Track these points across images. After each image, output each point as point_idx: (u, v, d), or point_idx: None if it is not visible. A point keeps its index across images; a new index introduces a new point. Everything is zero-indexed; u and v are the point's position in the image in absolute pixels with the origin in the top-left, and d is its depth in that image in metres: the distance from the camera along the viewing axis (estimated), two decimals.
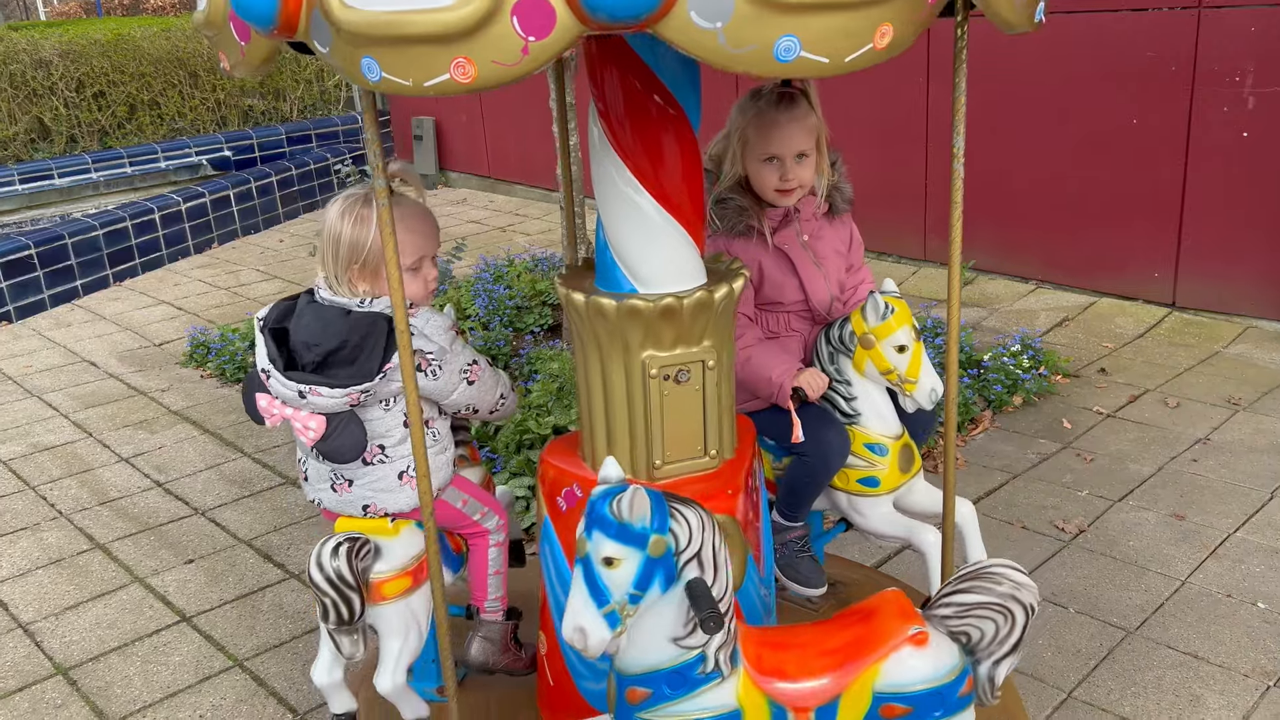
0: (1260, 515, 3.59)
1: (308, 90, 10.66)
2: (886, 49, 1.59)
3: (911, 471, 2.66)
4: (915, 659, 1.93)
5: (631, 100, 2.05)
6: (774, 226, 2.59)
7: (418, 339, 2.20)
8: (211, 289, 7.18)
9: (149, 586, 3.59)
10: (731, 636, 1.86)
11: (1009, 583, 1.97)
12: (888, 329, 2.51)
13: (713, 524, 1.85)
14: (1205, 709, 2.71)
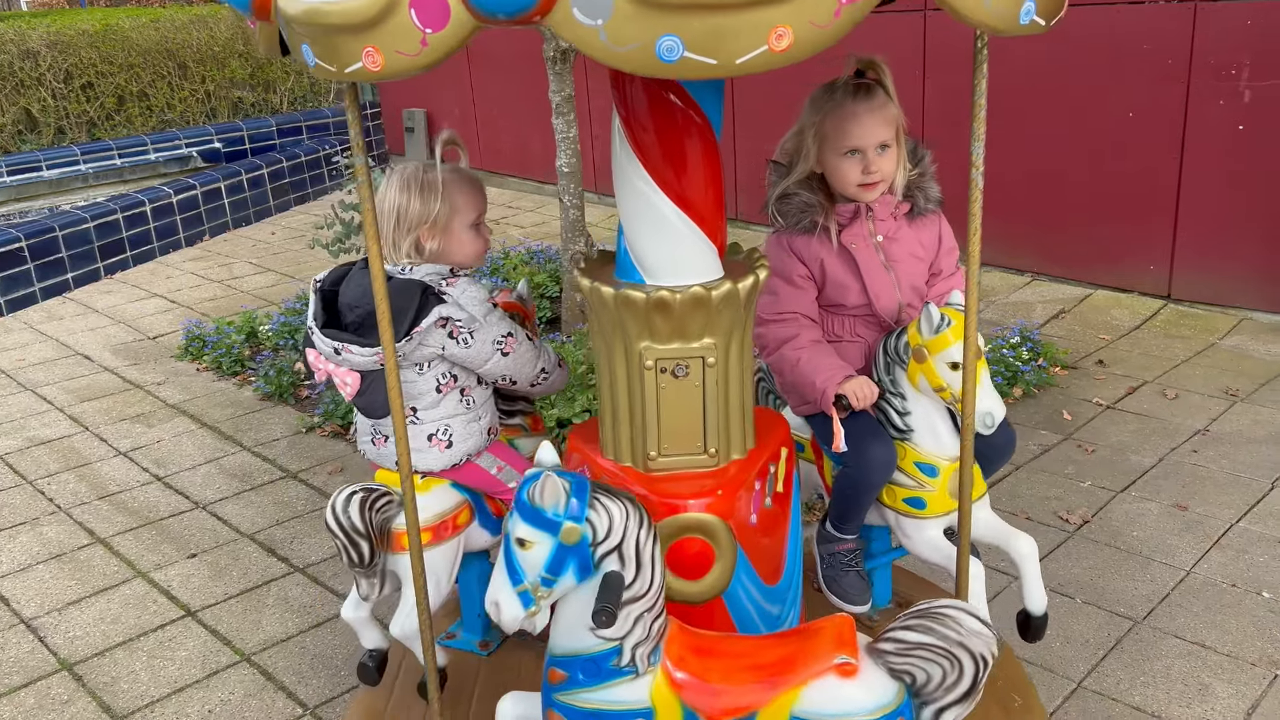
0: (1262, 505, 3.61)
1: (298, 82, 10.60)
2: (788, 52, 1.51)
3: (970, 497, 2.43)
4: (840, 689, 1.83)
5: (646, 96, 2.04)
6: (842, 224, 2.46)
7: (451, 307, 2.30)
8: (204, 282, 7.13)
9: (152, 581, 3.57)
10: (653, 635, 1.87)
11: (958, 629, 1.83)
12: (942, 343, 2.33)
13: (642, 521, 1.86)
14: (1214, 698, 2.73)
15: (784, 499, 2.33)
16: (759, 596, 2.26)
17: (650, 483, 2.20)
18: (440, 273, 2.36)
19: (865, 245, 2.48)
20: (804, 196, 2.45)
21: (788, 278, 2.50)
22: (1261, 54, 5.02)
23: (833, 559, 2.59)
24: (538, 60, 8.56)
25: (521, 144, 9.14)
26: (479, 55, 8.98)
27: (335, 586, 3.47)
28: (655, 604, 1.87)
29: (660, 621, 1.89)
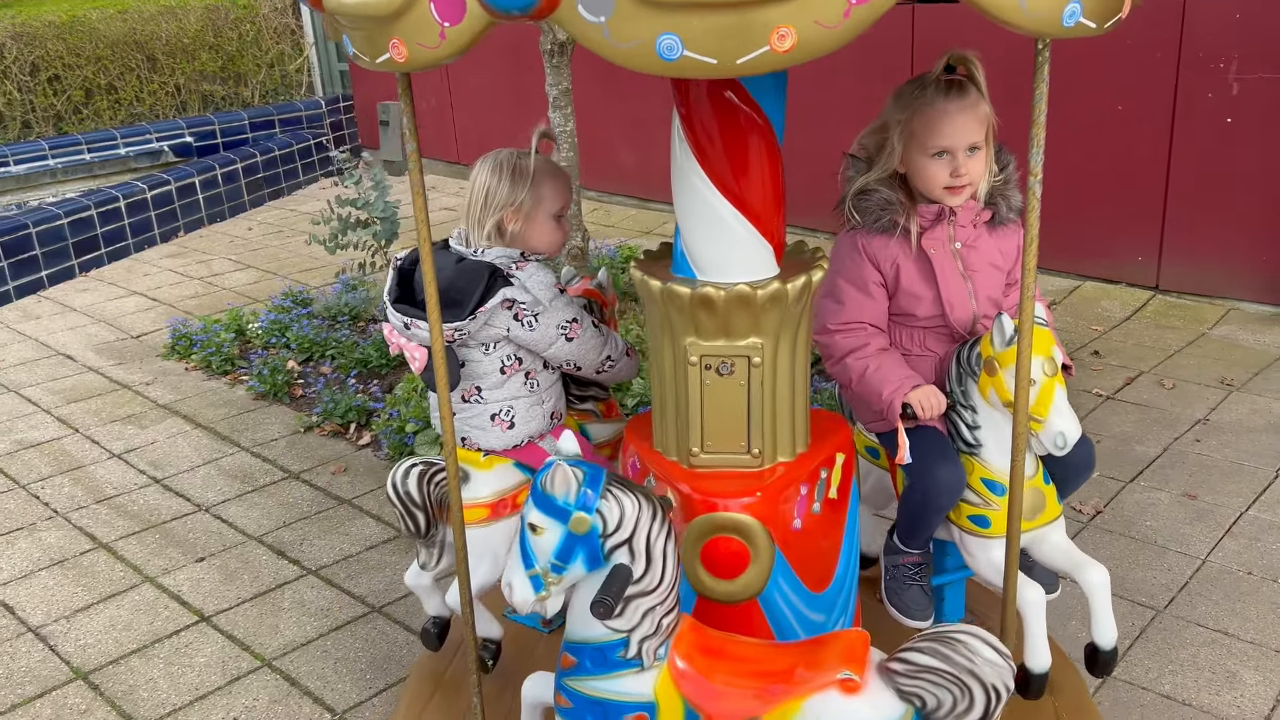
0: (1269, 493, 3.67)
1: (269, 75, 10.44)
2: (791, 53, 1.48)
3: (1038, 520, 2.37)
4: (841, 704, 1.80)
5: (704, 94, 2.02)
6: (924, 226, 2.35)
7: (517, 289, 2.38)
8: (184, 279, 7.00)
9: (161, 586, 3.49)
10: (662, 630, 1.87)
11: (969, 657, 1.78)
12: (1013, 356, 2.16)
13: (655, 516, 1.85)
14: (1243, 685, 2.77)
15: (838, 506, 2.27)
16: (800, 603, 2.23)
17: (692, 479, 2.19)
18: (511, 256, 2.43)
19: (944, 251, 2.38)
20: (884, 194, 2.35)
21: (859, 284, 2.40)
22: (1249, 47, 5.09)
23: (896, 571, 2.52)
24: (518, 54, 8.48)
25: (500, 138, 9.05)
26: None
27: (351, 589, 3.42)
28: (665, 599, 1.87)
29: (671, 617, 1.89)
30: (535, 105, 8.43)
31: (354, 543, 3.70)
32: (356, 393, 4.73)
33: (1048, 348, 2.22)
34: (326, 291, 6.16)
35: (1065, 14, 1.60)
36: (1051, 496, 2.40)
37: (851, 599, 2.37)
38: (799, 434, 2.24)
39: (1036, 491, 2.36)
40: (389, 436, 4.27)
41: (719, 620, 2.14)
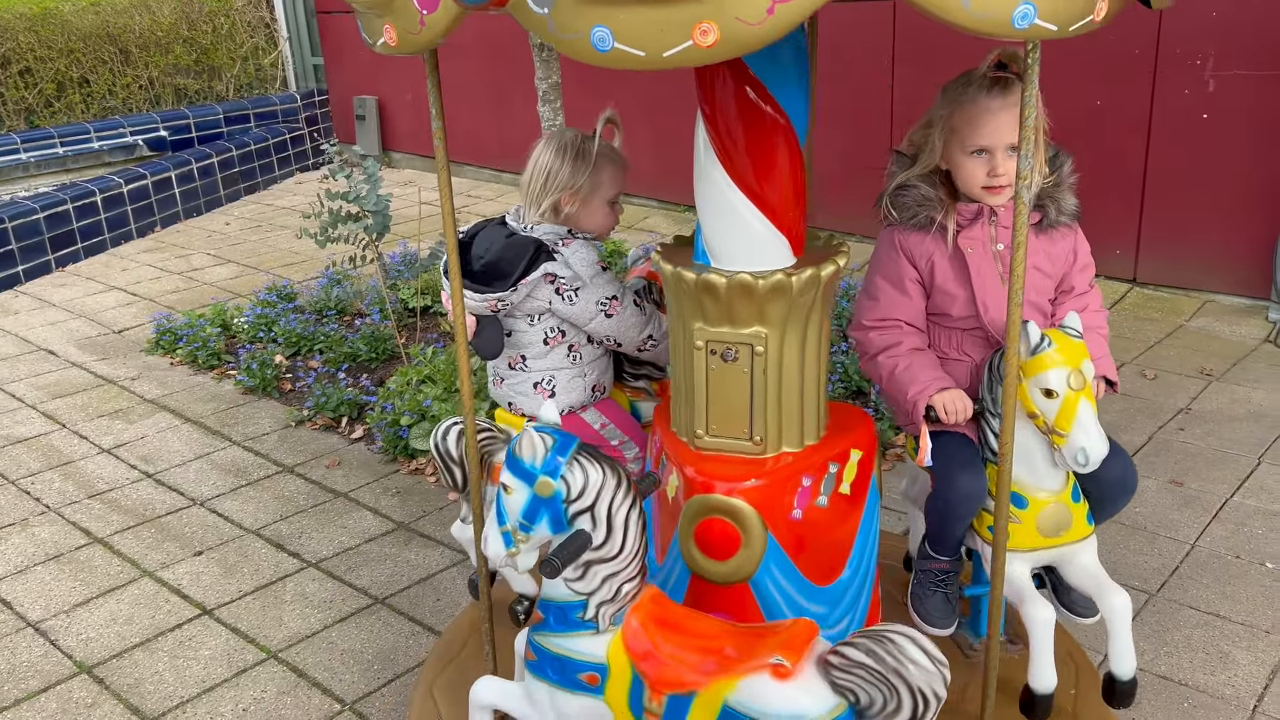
0: (1252, 480, 3.76)
1: (244, 69, 10.35)
2: (714, 48, 1.53)
3: (1063, 538, 2.30)
4: (771, 688, 1.83)
5: (723, 88, 2.06)
6: (961, 225, 2.32)
7: (559, 265, 2.49)
8: (164, 274, 6.94)
9: (160, 580, 3.48)
10: (620, 598, 1.96)
11: (897, 657, 1.77)
12: (1037, 365, 2.16)
13: (619, 487, 1.93)
14: (1236, 665, 2.84)
15: (851, 502, 2.28)
16: (796, 593, 2.26)
17: (696, 460, 2.25)
18: (559, 233, 2.54)
19: (983, 251, 2.33)
20: (923, 190, 2.33)
21: (895, 281, 2.39)
22: (1226, 45, 5.20)
23: (923, 577, 2.50)
24: (499, 47, 8.48)
25: (477, 132, 9.05)
26: None
27: (353, 581, 3.42)
28: (626, 568, 1.95)
29: (631, 586, 1.97)
30: (517, 99, 8.44)
31: (353, 535, 3.70)
32: (348, 386, 4.72)
33: (1077, 360, 2.15)
34: (311, 286, 6.14)
35: (1016, 15, 1.56)
36: (1080, 515, 2.32)
37: (863, 596, 2.36)
38: (808, 425, 2.26)
39: (1062, 508, 2.28)
40: (383, 430, 4.27)
41: (712, 600, 2.21)
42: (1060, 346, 2.16)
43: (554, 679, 2.02)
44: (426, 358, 4.52)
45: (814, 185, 2.37)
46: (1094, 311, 2.42)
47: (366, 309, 5.55)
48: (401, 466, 4.17)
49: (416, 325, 5.34)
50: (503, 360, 2.63)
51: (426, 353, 4.57)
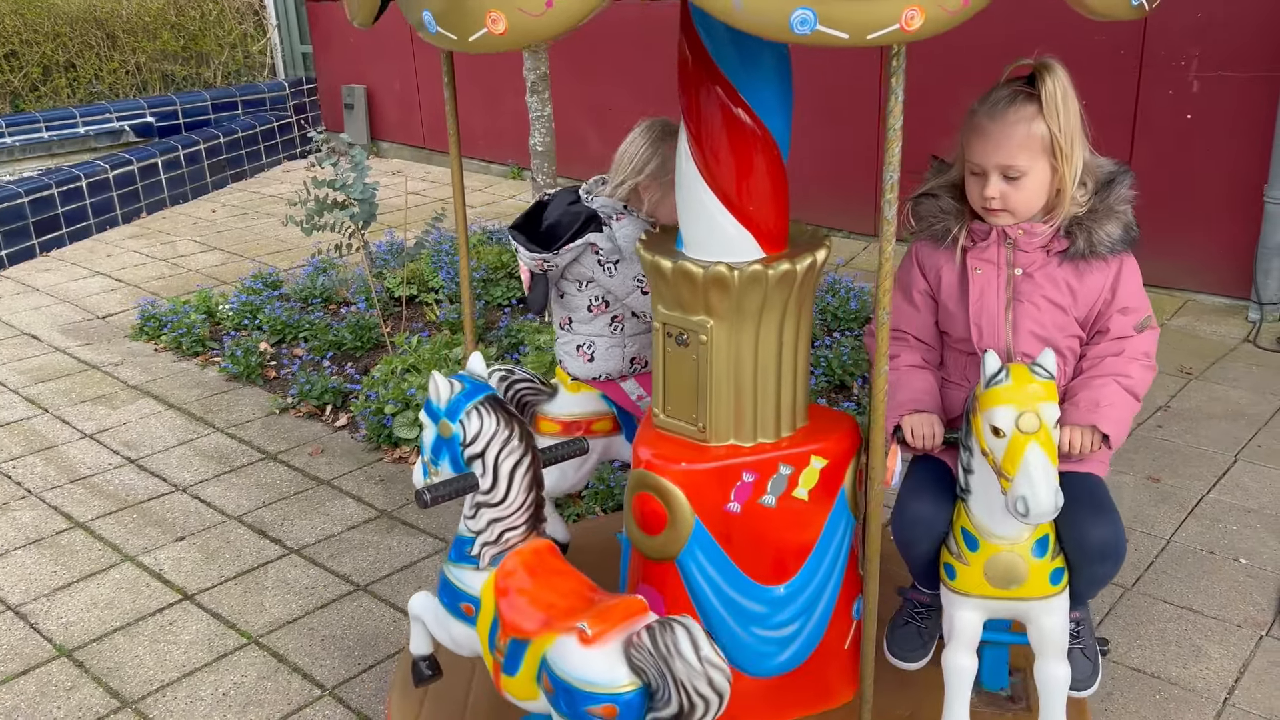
0: (1228, 478, 3.80)
1: (232, 56, 10.31)
2: (506, 36, 1.65)
3: (1012, 592, 2.13)
4: (572, 650, 1.92)
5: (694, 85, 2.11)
6: (976, 241, 2.23)
7: (604, 237, 2.66)
8: (149, 260, 6.92)
9: (142, 565, 3.48)
10: (501, 542, 2.12)
11: (667, 648, 1.83)
12: (988, 400, 2.00)
13: (508, 441, 2.09)
14: (1208, 658, 2.88)
15: (809, 507, 2.26)
16: (727, 585, 2.28)
17: (647, 436, 2.36)
18: (614, 208, 2.69)
19: (993, 273, 2.22)
20: (943, 201, 2.26)
21: (905, 290, 2.33)
22: (1209, 46, 5.24)
23: (903, 606, 2.44)
24: None
25: (465, 122, 9.03)
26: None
27: (335, 568, 3.43)
28: (509, 516, 2.11)
29: (514, 534, 2.12)
30: (502, 90, 8.43)
31: (335, 523, 3.71)
32: (332, 374, 4.72)
33: (1032, 400, 1.97)
34: (297, 274, 6.13)
35: (794, 20, 1.55)
36: (1041, 573, 2.13)
37: (820, 607, 2.33)
38: (763, 422, 2.26)
39: (1016, 560, 2.12)
40: (367, 418, 4.28)
41: (645, 572, 2.33)
42: (1016, 383, 1.99)
43: (446, 603, 2.22)
44: (411, 347, 4.52)
45: (798, 181, 2.35)
46: (1126, 359, 2.19)
47: (352, 297, 5.54)
48: (385, 455, 4.18)
49: (402, 314, 5.34)
50: (557, 320, 2.84)
51: (411, 341, 4.58)
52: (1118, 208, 2.18)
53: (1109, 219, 2.17)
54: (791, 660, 2.34)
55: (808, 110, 6.16)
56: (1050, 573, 2.15)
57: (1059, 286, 2.21)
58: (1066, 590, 2.19)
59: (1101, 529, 2.15)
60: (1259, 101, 5.12)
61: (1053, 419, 1.98)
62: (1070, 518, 2.14)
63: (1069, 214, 2.18)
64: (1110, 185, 2.20)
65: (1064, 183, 2.16)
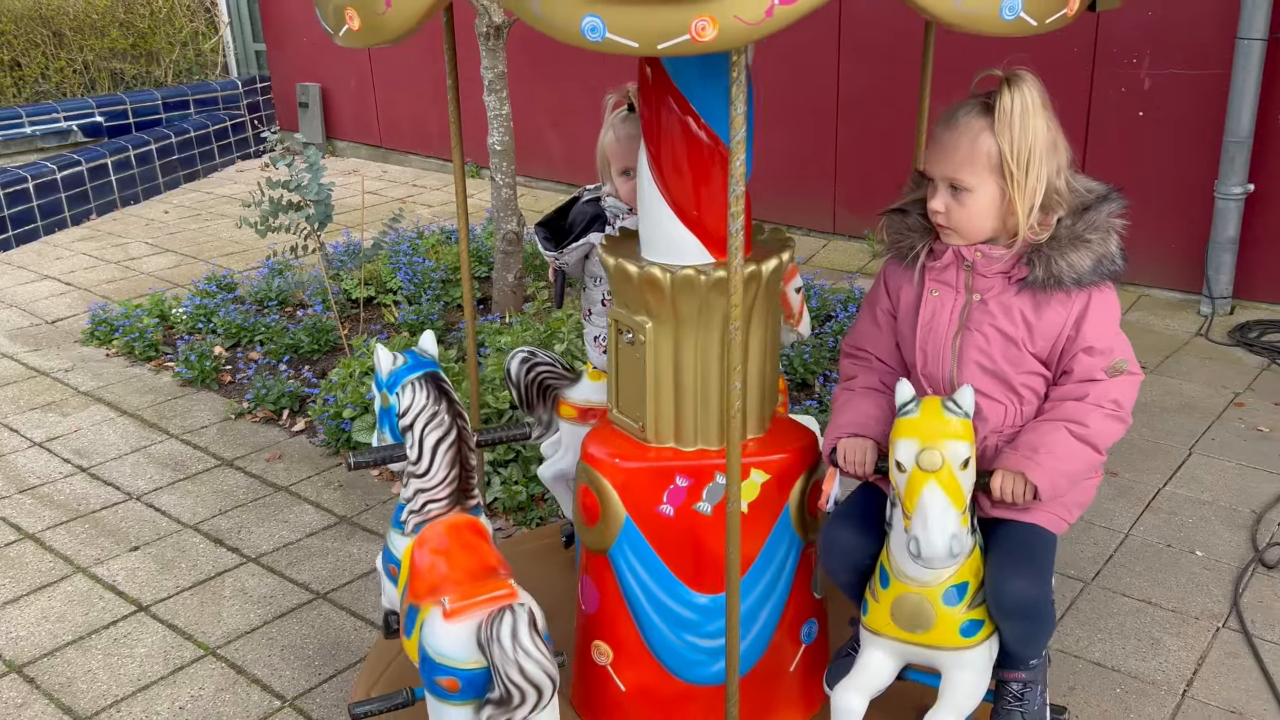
0: (1183, 471, 3.85)
1: (183, 54, 10.14)
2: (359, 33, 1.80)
3: (918, 637, 2.04)
4: (435, 621, 2.01)
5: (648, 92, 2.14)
6: (936, 260, 2.10)
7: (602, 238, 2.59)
8: (99, 263, 6.79)
9: (94, 576, 3.41)
10: (422, 512, 2.21)
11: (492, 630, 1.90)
12: (895, 431, 1.95)
13: (434, 418, 2.18)
14: (1166, 651, 2.91)
15: (750, 521, 2.22)
16: (658, 588, 2.28)
17: (599, 430, 2.39)
18: (620, 208, 2.72)
19: (950, 297, 2.09)
20: (911, 218, 2.14)
21: (870, 308, 2.25)
22: (1160, 44, 5.31)
23: (852, 636, 2.34)
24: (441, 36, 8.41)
25: (422, 121, 8.96)
26: None
27: (294, 576, 3.38)
28: (432, 488, 2.20)
29: (436, 506, 2.21)
30: (463, 88, 8.35)
31: (294, 530, 3.65)
32: (289, 378, 4.65)
33: (936, 437, 1.89)
34: (252, 276, 6.04)
35: (585, 27, 1.57)
36: (952, 623, 2.02)
37: (756, 624, 2.30)
38: (706, 429, 2.25)
39: (923, 604, 2.02)
40: (325, 423, 4.22)
41: (585, 562, 2.37)
42: (923, 417, 1.92)
43: (381, 564, 2.36)
44: (369, 349, 4.47)
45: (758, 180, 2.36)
46: (1087, 405, 2.00)
47: (309, 300, 5.47)
48: (344, 459, 4.12)
49: (360, 316, 5.27)
50: (582, 311, 2.90)
51: (369, 344, 4.52)
52: (1088, 235, 1.98)
53: (1075, 247, 1.98)
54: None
55: (769, 110, 6.18)
56: (963, 624, 2.03)
57: (1013, 317, 2.04)
58: (985, 646, 2.06)
59: (1017, 584, 1.99)
60: (1208, 99, 5.19)
61: (959, 459, 1.89)
62: (992, 569, 2.03)
63: (1025, 240, 2.01)
64: (1085, 211, 2.01)
65: (1014, 206, 1.98)
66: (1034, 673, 2.21)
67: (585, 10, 1.53)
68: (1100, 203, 2.02)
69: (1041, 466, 1.99)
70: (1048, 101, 2.01)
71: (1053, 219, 2.00)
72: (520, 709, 1.89)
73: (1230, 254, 5.26)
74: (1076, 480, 2.07)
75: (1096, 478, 2.25)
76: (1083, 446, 2.01)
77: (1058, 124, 2.03)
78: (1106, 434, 2.03)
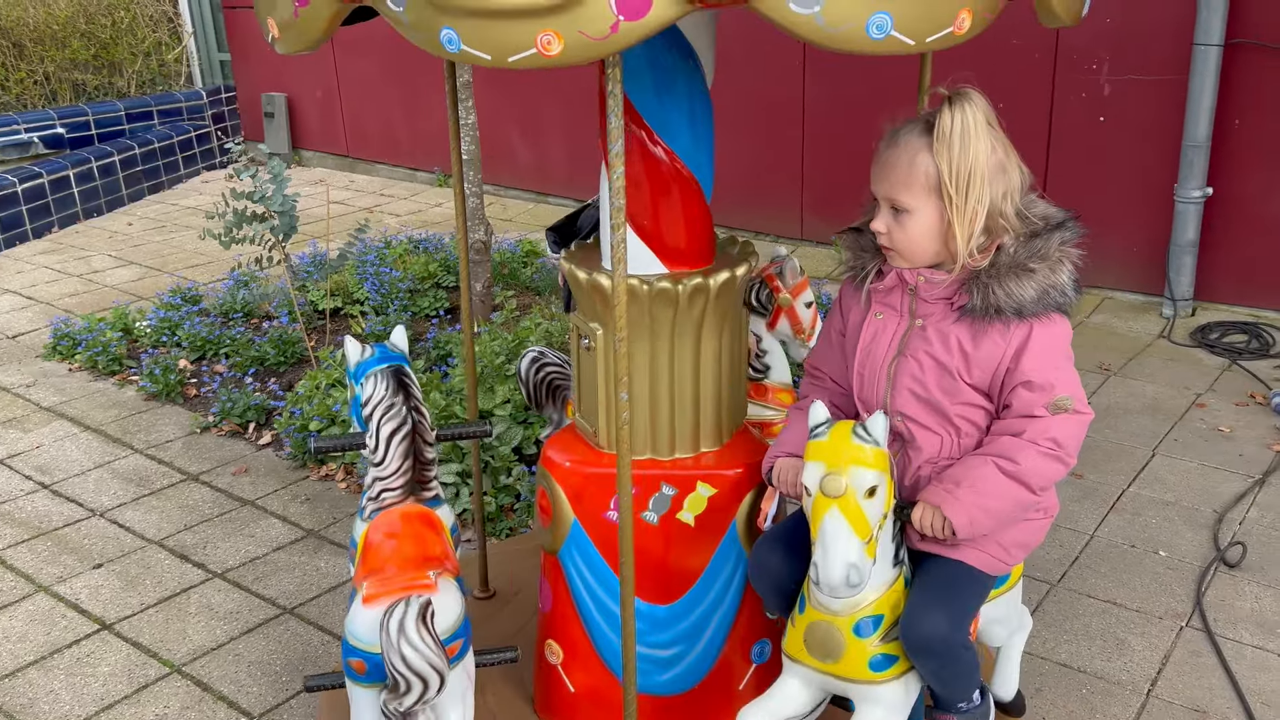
0: (1146, 472, 3.90)
1: (146, 65, 10.05)
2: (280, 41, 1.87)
3: (827, 666, 1.99)
4: (356, 605, 2.14)
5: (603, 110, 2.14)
6: (884, 282, 2.03)
7: None
8: (62, 276, 6.71)
9: (56, 595, 3.36)
10: (377, 500, 2.28)
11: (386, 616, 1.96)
12: (805, 452, 1.91)
13: (388, 411, 2.24)
14: (1131, 651, 2.94)
15: (695, 533, 2.24)
16: (604, 594, 2.30)
17: (565, 433, 2.42)
18: None
19: (893, 321, 2.02)
20: (864, 237, 2.07)
21: (827, 329, 2.20)
22: (1119, 51, 5.38)
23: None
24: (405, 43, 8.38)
25: (390, 130, 8.92)
26: (345, 38, 8.72)
27: (260, 591, 3.35)
28: (387, 477, 2.27)
29: (391, 495, 2.28)
30: (427, 97, 8.34)
31: (260, 544, 3.62)
32: (255, 391, 4.61)
33: (841, 462, 1.83)
34: (217, 288, 5.99)
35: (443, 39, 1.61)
36: (861, 655, 1.96)
37: (702, 638, 2.31)
38: (658, 438, 2.28)
39: (833, 633, 1.97)
40: (291, 435, 4.19)
41: (543, 562, 2.40)
42: (832, 441, 1.86)
43: (350, 546, 2.40)
44: (336, 361, 4.44)
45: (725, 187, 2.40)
46: (1022, 442, 1.90)
47: (274, 311, 5.43)
48: (311, 472, 4.09)
49: (326, 328, 5.24)
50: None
51: (336, 356, 4.49)
52: (1031, 264, 1.88)
53: (1016, 276, 1.88)
54: (673, 685, 2.33)
55: (734, 116, 6.19)
56: (873, 657, 1.96)
57: (949, 346, 1.94)
58: (900, 684, 2.00)
59: (927, 620, 1.92)
60: (1167, 104, 5.26)
61: (864, 486, 1.83)
62: (908, 603, 1.98)
63: (965, 266, 1.92)
64: (1035, 238, 1.92)
65: (953, 230, 1.90)
66: (966, 718, 2.12)
67: (443, 22, 1.57)
68: (1052, 231, 1.93)
69: (960, 502, 1.90)
70: (995, 121, 1.92)
71: (993, 245, 1.92)
72: (408, 697, 1.94)
73: (1191, 256, 5.33)
74: (1004, 519, 1.97)
75: (1043, 519, 2.11)
76: (1011, 484, 1.90)
77: (1008, 146, 1.95)
78: (1040, 473, 1.91)
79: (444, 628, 2.06)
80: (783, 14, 1.54)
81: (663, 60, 2.05)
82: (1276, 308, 5.31)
